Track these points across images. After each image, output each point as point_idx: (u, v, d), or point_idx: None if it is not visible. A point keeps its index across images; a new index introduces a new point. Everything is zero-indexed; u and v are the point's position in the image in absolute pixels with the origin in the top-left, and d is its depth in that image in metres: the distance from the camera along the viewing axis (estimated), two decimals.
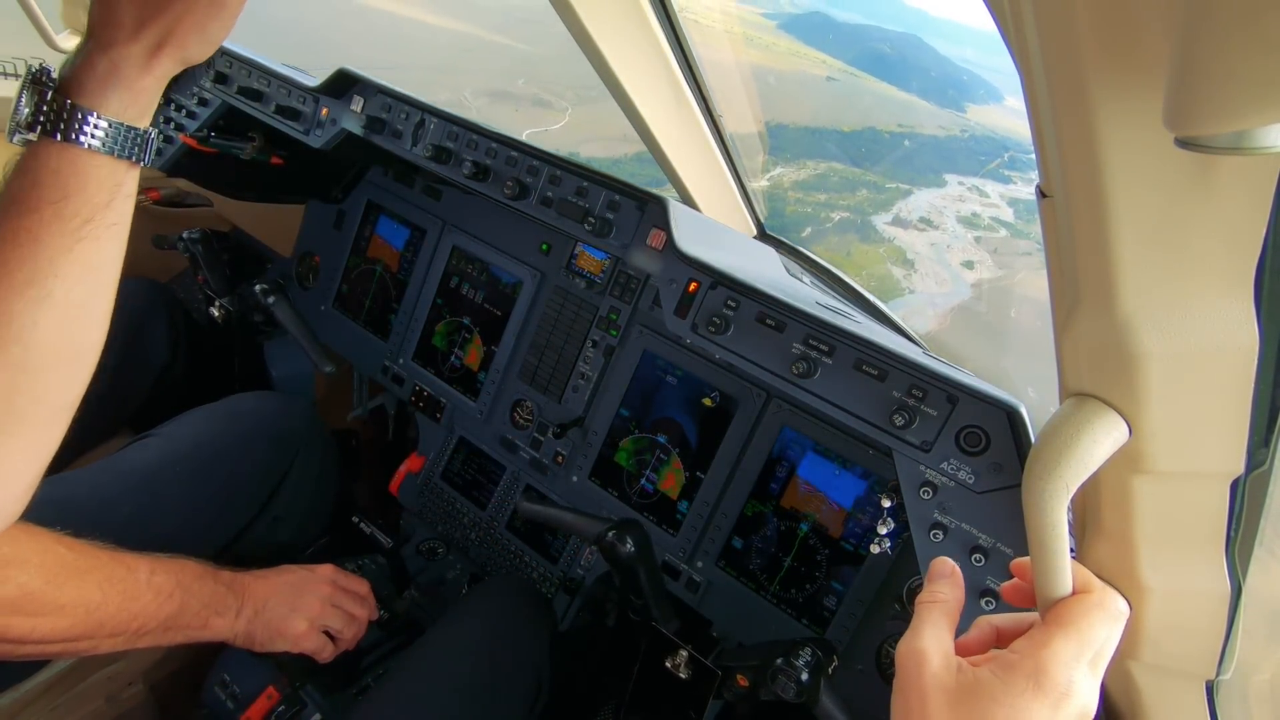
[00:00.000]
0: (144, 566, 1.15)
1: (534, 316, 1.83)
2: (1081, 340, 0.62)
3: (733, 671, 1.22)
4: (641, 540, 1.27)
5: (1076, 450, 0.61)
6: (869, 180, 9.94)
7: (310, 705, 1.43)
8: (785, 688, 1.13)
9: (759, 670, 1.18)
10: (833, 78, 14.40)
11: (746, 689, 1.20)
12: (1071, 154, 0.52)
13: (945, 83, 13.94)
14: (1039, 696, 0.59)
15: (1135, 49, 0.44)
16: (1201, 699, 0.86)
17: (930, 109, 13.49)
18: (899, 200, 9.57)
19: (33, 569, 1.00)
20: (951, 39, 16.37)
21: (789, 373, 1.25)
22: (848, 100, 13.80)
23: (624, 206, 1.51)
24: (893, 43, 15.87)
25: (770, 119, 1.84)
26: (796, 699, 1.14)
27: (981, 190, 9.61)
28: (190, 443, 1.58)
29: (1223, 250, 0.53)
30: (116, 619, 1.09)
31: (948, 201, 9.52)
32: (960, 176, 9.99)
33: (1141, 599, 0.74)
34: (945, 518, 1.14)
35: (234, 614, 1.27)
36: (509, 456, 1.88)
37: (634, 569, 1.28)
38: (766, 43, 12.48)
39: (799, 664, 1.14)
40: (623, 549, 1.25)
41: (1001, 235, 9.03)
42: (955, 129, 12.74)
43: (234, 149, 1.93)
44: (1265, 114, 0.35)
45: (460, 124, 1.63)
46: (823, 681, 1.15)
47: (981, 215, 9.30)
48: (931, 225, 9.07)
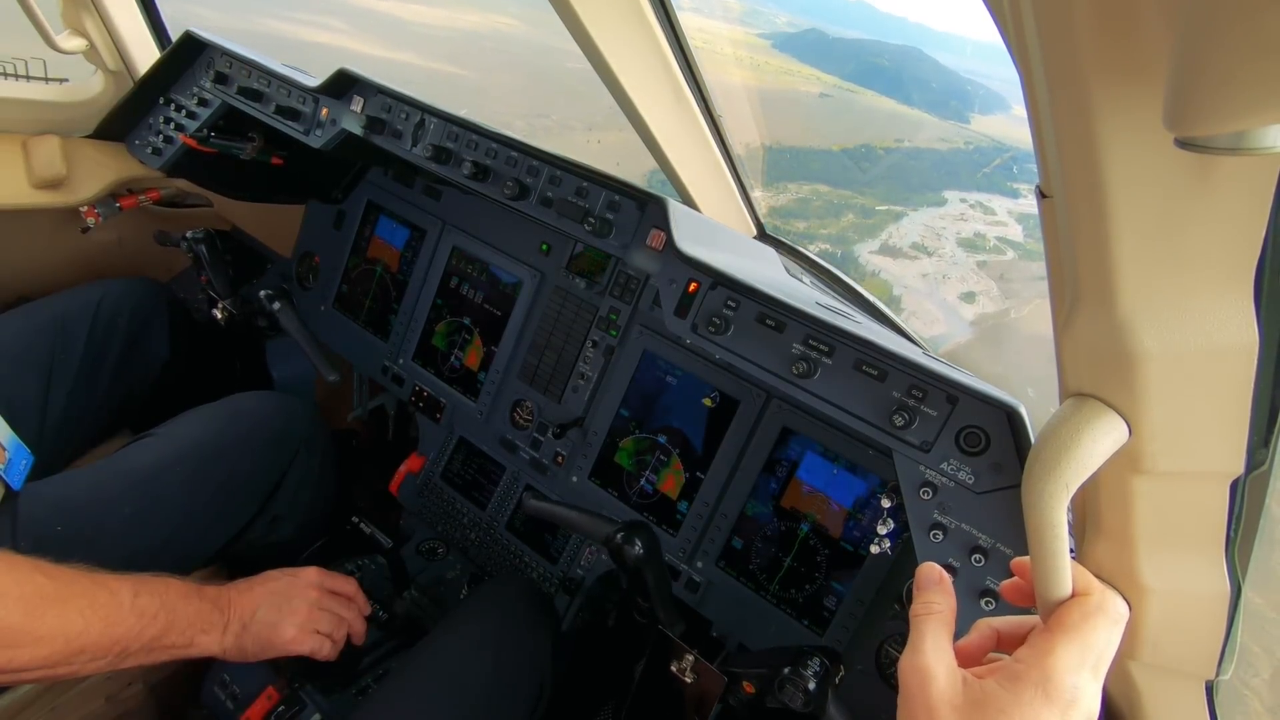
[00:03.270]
0: (127, 589, 1.14)
1: (534, 316, 1.83)
2: (1081, 340, 0.62)
3: (739, 678, 1.21)
4: (650, 543, 1.26)
5: (1076, 450, 0.61)
6: (858, 203, 9.18)
7: (310, 705, 1.43)
8: (793, 697, 1.13)
9: (766, 679, 1.17)
10: (826, 94, 14.09)
11: (753, 696, 1.19)
12: (1071, 154, 0.52)
13: (947, 94, 13.65)
14: (1048, 705, 0.59)
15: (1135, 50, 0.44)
16: (1201, 699, 0.86)
17: (931, 120, 13.09)
18: (889, 225, 8.73)
19: (10, 602, 0.99)
20: (955, 51, 16.17)
21: (789, 373, 1.25)
22: (841, 116, 13.39)
23: (624, 206, 1.51)
24: (892, 56, 15.65)
25: (749, 141, 1.83)
26: (804, 709, 1.13)
27: (986, 206, 8.79)
28: (190, 442, 1.58)
29: (1222, 250, 0.53)
30: (99, 644, 1.09)
31: (947, 222, 8.64)
32: (962, 192, 9.18)
33: (1141, 599, 0.74)
34: (945, 518, 1.14)
35: (220, 630, 1.27)
36: (509, 457, 1.88)
37: (642, 571, 1.27)
38: (758, 62, 12.12)
39: (807, 674, 1.13)
40: (631, 551, 1.25)
41: (1009, 258, 8.11)
42: (958, 140, 12.30)
43: (234, 149, 1.93)
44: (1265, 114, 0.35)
45: (460, 124, 1.63)
46: (830, 692, 1.15)
47: (986, 236, 8.45)
48: (926, 252, 8.22)
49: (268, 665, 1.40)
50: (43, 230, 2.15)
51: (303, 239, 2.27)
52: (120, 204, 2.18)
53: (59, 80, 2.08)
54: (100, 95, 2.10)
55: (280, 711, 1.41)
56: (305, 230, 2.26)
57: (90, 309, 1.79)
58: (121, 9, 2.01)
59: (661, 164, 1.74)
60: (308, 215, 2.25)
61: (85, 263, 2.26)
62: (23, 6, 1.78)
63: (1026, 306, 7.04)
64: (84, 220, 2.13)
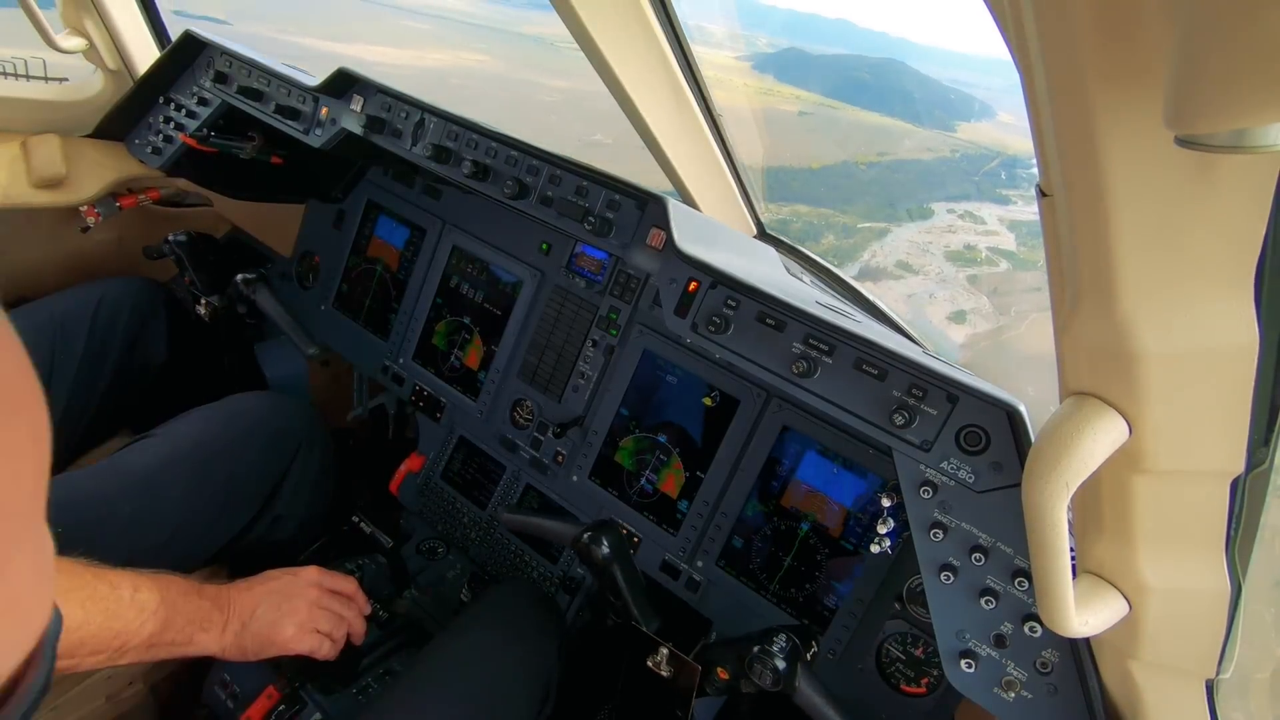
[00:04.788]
0: (127, 583, 1.14)
1: (534, 316, 1.83)
2: (1081, 340, 0.62)
3: (712, 665, 1.21)
4: (616, 542, 1.26)
5: (1076, 449, 0.61)
6: (838, 222, 8.74)
7: (310, 705, 1.43)
8: (762, 676, 1.13)
9: (736, 662, 1.17)
10: (806, 112, 13.82)
11: (728, 681, 1.19)
12: (1071, 153, 0.52)
13: (931, 104, 13.40)
14: None
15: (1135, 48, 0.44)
16: (1201, 698, 0.86)
17: (916, 131, 12.76)
18: (872, 243, 8.20)
19: None
20: (939, 62, 16.05)
21: (789, 372, 1.25)
22: (820, 134, 13.06)
23: (624, 206, 1.51)
24: (873, 69, 15.44)
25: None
26: (774, 687, 1.13)
27: (976, 215, 8.34)
28: (190, 443, 1.58)
29: (1222, 250, 0.53)
30: (98, 637, 1.08)
31: (934, 236, 8.12)
32: (950, 203, 8.73)
33: (1142, 598, 0.74)
34: (945, 517, 1.14)
35: (220, 628, 1.27)
36: (509, 456, 1.88)
37: (609, 570, 1.27)
38: (735, 84, 12.05)
39: (774, 650, 1.13)
40: (598, 550, 1.25)
41: (1002, 269, 7.56)
42: (945, 149, 12.00)
43: (234, 149, 1.93)
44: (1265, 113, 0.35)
45: (460, 123, 1.63)
46: (800, 667, 1.14)
47: (977, 247, 7.91)
48: (911, 270, 7.66)
49: (268, 664, 1.40)
50: (42, 229, 2.15)
51: (302, 238, 2.27)
52: (120, 203, 2.18)
53: (59, 80, 2.08)
54: (100, 95, 2.10)
55: (280, 711, 1.41)
56: (305, 230, 2.26)
57: (90, 309, 1.79)
58: (121, 9, 2.01)
59: (661, 163, 1.74)
60: (307, 215, 2.25)
61: (85, 262, 2.26)
62: (23, 6, 1.78)
63: (1023, 323, 6.30)
64: (84, 220, 2.13)
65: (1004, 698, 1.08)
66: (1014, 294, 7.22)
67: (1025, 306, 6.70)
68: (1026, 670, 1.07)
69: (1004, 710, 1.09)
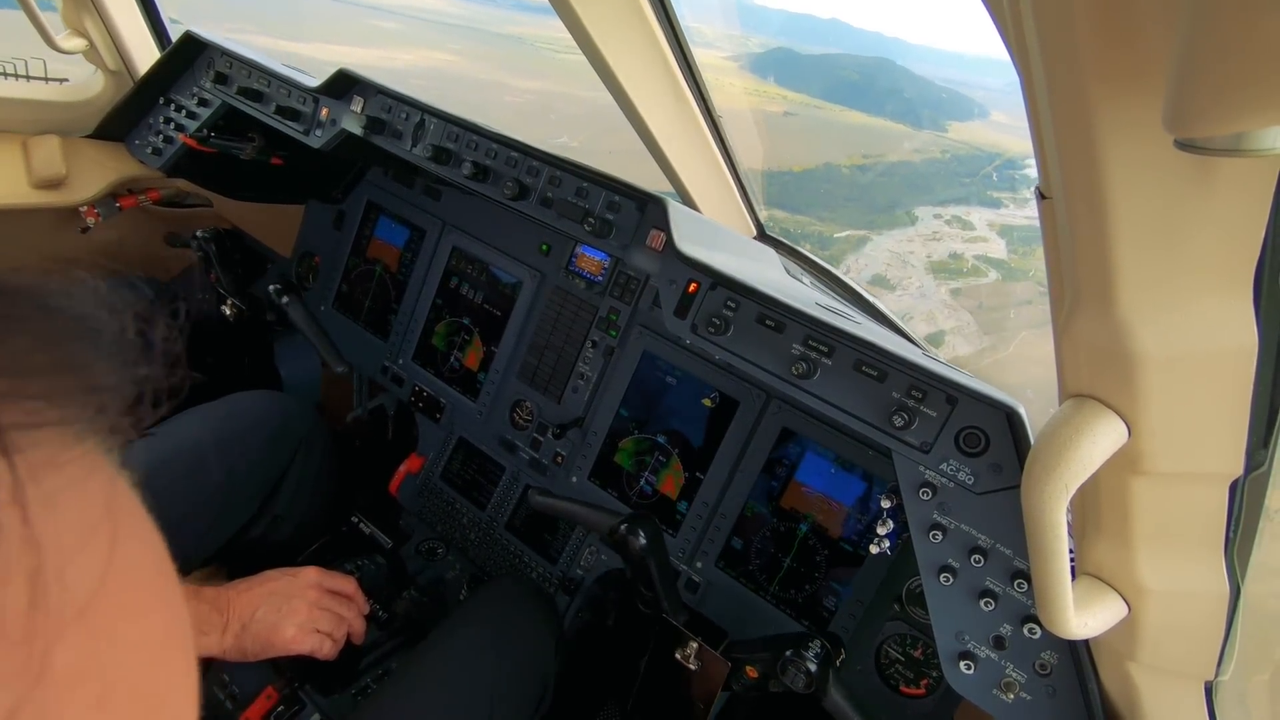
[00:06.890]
0: None
1: (534, 317, 1.83)
2: (1080, 341, 0.62)
3: (742, 663, 1.24)
4: (654, 534, 1.29)
5: (1076, 451, 0.61)
6: (814, 232, 8.31)
7: (309, 705, 1.43)
8: (795, 679, 1.17)
9: (769, 662, 1.21)
10: (791, 113, 13.43)
11: (756, 680, 1.23)
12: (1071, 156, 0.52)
13: (921, 103, 13.10)
14: None
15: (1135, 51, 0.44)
16: (1200, 700, 0.86)
17: (905, 131, 12.45)
18: (849, 255, 7.75)
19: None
20: (932, 61, 15.84)
21: (789, 373, 1.25)
22: (805, 136, 12.68)
23: (624, 207, 1.51)
24: (862, 69, 15.18)
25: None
26: (805, 690, 1.17)
27: (964, 220, 7.86)
28: (189, 442, 1.58)
29: (1222, 251, 0.53)
30: None
31: (917, 245, 7.54)
32: (937, 207, 8.23)
33: (1141, 600, 0.74)
34: (945, 518, 1.14)
35: (220, 631, 1.27)
36: (508, 457, 1.88)
37: (646, 562, 1.29)
38: (720, 84, 11.94)
39: (808, 655, 1.17)
40: (636, 542, 1.27)
41: (990, 280, 6.91)
42: (934, 150, 11.63)
43: (234, 149, 1.93)
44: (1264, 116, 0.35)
45: (460, 124, 1.63)
46: (831, 674, 1.18)
47: (963, 256, 7.34)
48: (888, 285, 7.11)
49: (267, 665, 1.39)
50: (43, 230, 2.15)
51: (302, 239, 2.27)
52: (120, 204, 2.18)
53: (59, 80, 2.08)
54: (100, 95, 2.10)
55: (280, 711, 1.41)
56: (305, 230, 2.26)
57: None
58: (121, 9, 2.01)
59: (661, 164, 1.74)
60: (307, 215, 2.25)
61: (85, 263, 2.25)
62: (23, 7, 1.78)
63: (1012, 343, 5.61)
64: (84, 220, 2.12)
65: (1003, 699, 1.08)
66: (1001, 309, 6.61)
67: (1015, 323, 6.04)
68: (1025, 672, 1.08)
69: (1003, 712, 1.09)
